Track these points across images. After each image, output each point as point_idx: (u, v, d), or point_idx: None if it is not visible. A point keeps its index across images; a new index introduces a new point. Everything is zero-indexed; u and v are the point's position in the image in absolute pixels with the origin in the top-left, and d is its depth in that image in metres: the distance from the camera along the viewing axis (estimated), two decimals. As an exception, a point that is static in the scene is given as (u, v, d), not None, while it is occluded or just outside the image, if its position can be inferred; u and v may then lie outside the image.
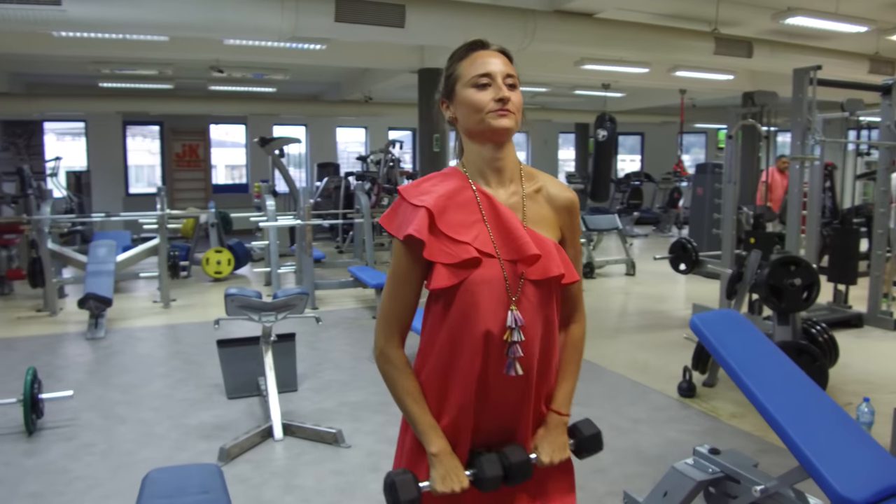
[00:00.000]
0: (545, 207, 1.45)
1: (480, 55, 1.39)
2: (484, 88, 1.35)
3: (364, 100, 13.33)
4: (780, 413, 2.41)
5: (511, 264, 1.36)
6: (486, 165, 1.41)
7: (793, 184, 5.75)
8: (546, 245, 1.39)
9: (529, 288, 1.37)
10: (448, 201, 1.37)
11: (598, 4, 6.22)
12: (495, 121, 1.35)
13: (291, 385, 4.47)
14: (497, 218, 1.38)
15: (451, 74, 1.42)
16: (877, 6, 7.12)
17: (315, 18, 5.32)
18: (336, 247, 12.09)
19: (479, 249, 1.35)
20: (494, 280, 1.35)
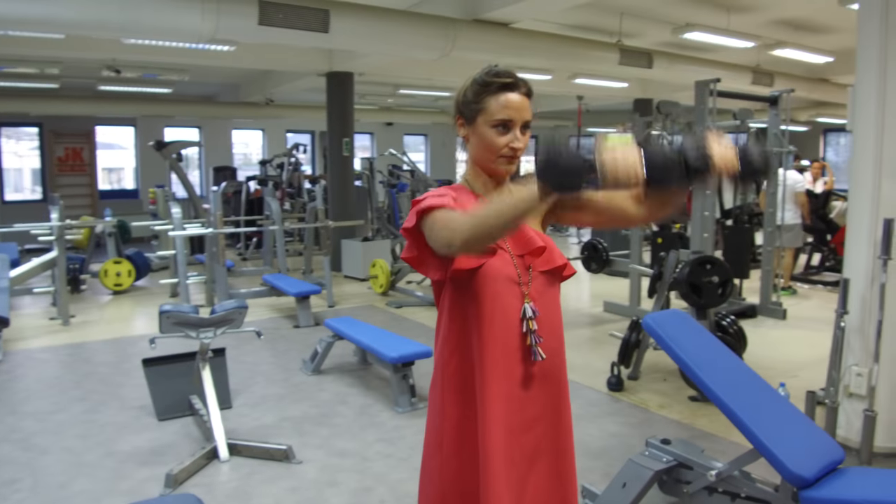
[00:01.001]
0: None
1: (508, 97, 1.50)
2: (503, 133, 1.49)
3: (265, 102, 12.97)
4: (733, 403, 2.60)
5: (520, 258, 1.54)
6: (489, 185, 1.60)
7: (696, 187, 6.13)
8: (547, 239, 1.59)
9: (538, 279, 1.56)
10: (461, 205, 1.52)
11: (514, 15, 6.40)
12: (504, 166, 1.53)
13: (226, 402, 4.31)
14: None
15: (478, 103, 1.52)
16: (761, 24, 7.75)
17: (237, 21, 5.15)
18: (239, 254, 11.71)
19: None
20: (508, 272, 1.52)
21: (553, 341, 1.59)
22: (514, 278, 1.52)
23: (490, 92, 1.50)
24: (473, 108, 1.52)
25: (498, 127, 1.49)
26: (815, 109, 13.47)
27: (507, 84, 1.50)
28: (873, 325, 3.47)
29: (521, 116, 1.49)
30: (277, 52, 8.31)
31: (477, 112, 1.51)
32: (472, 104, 1.53)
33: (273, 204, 8.03)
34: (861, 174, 3.54)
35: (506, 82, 1.50)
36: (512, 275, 1.52)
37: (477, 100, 1.52)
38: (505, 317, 1.50)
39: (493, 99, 1.49)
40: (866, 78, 3.48)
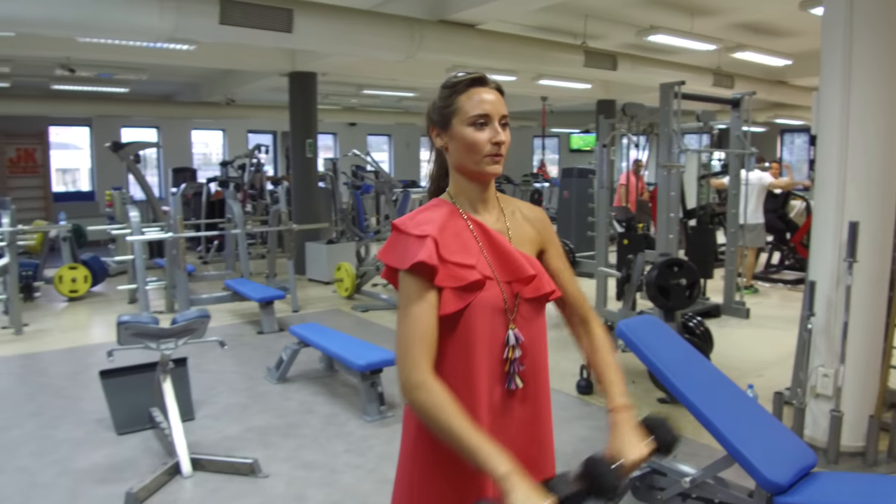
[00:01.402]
0: (525, 226, 1.55)
1: (479, 92, 1.42)
2: (481, 128, 1.41)
3: (226, 102, 12.72)
4: (708, 411, 2.59)
5: (507, 285, 1.45)
6: (474, 197, 1.49)
7: (662, 189, 6.17)
8: (536, 265, 1.50)
9: (524, 306, 1.47)
10: (445, 230, 1.42)
11: (480, 16, 6.36)
12: (490, 167, 1.43)
13: (188, 413, 4.18)
14: (491, 243, 1.46)
15: (450, 106, 1.43)
16: (723, 27, 7.86)
17: (197, 20, 4.99)
18: (200, 257, 11.45)
19: (481, 272, 1.42)
20: (495, 301, 1.42)
21: (537, 366, 1.50)
22: (501, 306, 1.43)
23: (459, 91, 1.43)
24: (446, 113, 1.43)
25: (475, 124, 1.40)
26: (773, 111, 13.74)
27: (476, 79, 1.43)
28: (839, 326, 3.51)
29: (497, 110, 1.42)
30: (239, 52, 8.14)
31: (451, 115, 1.43)
32: (444, 109, 1.44)
33: (234, 207, 7.85)
34: (826, 177, 3.57)
35: (474, 77, 1.43)
36: (499, 303, 1.43)
37: (448, 103, 1.43)
38: (489, 344, 1.42)
39: (465, 97, 1.42)
40: (830, 83, 3.51)
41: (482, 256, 1.44)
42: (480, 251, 1.44)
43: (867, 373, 3.57)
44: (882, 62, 3.39)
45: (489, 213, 1.50)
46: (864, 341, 3.53)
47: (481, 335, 1.41)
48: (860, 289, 3.45)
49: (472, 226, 1.46)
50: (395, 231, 1.43)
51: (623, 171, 9.90)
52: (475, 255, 1.43)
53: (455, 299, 1.39)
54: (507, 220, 1.52)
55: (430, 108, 1.50)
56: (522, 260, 1.46)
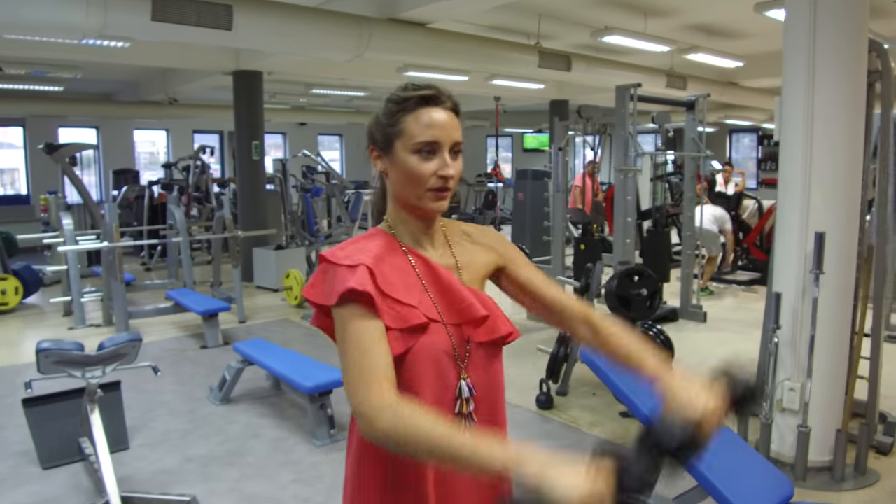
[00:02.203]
0: (476, 254, 1.36)
1: (430, 113, 1.21)
2: (428, 158, 1.20)
3: (168, 101, 12.21)
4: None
5: (457, 328, 1.26)
6: (416, 229, 1.30)
7: (619, 193, 6.07)
8: (489, 303, 1.30)
9: (477, 351, 1.28)
10: (383, 263, 1.22)
11: (431, 15, 6.14)
12: (432, 203, 1.23)
13: (122, 442, 3.86)
14: (437, 281, 1.27)
15: (394, 125, 1.22)
16: (676, 28, 7.81)
17: (127, 16, 4.64)
18: (142, 264, 10.94)
19: (425, 314, 1.22)
20: (442, 347, 1.23)
21: (493, 416, 1.32)
22: (450, 353, 1.24)
23: (407, 110, 1.21)
24: (389, 133, 1.22)
25: (421, 152, 1.19)
26: (724, 111, 13.90)
27: (428, 97, 1.21)
28: (805, 339, 3.41)
29: (449, 137, 1.20)
30: (179, 50, 7.75)
31: (393, 137, 1.21)
32: (387, 128, 1.22)
33: (177, 213, 7.47)
34: (790, 186, 3.47)
35: (426, 95, 1.21)
36: (446, 349, 1.23)
37: (392, 121, 1.22)
38: (436, 396, 1.22)
39: (413, 118, 1.20)
40: (794, 87, 3.41)
41: (426, 296, 1.24)
42: (424, 290, 1.24)
43: (833, 386, 3.49)
44: (846, 65, 3.29)
45: (434, 247, 1.31)
46: (831, 354, 3.44)
47: (426, 386, 1.21)
48: (826, 300, 3.35)
49: (414, 261, 1.27)
50: (323, 263, 1.22)
51: (577, 173, 9.86)
52: (417, 293, 1.23)
53: (394, 342, 1.18)
54: (455, 253, 1.33)
55: (371, 124, 1.28)
56: (472, 299, 1.27)
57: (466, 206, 16.40)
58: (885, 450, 3.79)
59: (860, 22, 3.31)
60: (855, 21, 3.30)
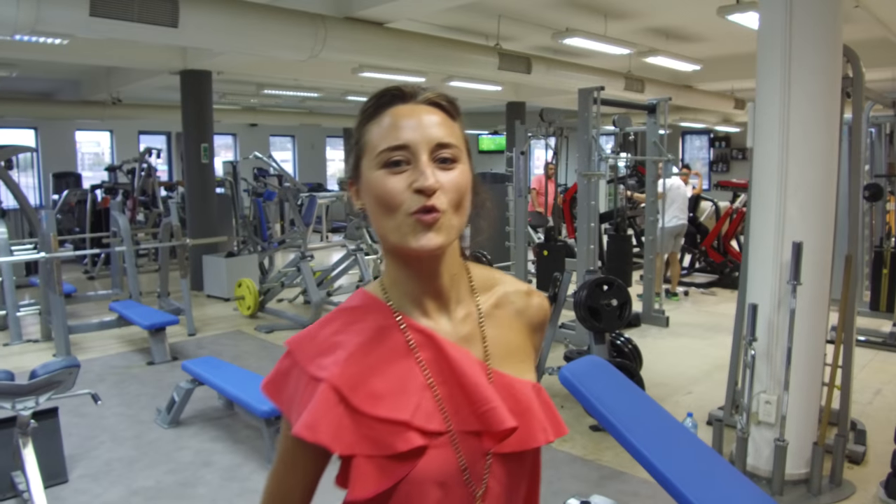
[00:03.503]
0: (514, 328, 0.98)
1: (399, 113, 0.87)
2: (398, 170, 0.84)
3: (112, 101, 11.68)
4: (666, 469, 2.29)
5: (471, 438, 0.88)
6: (416, 289, 0.92)
7: (582, 198, 5.95)
8: (523, 397, 0.92)
9: (500, 466, 0.91)
10: (365, 359, 0.88)
11: (388, 14, 5.93)
12: (413, 238, 0.84)
13: (60, 475, 3.55)
14: (446, 368, 0.90)
15: (357, 142, 0.91)
16: (636, 31, 7.77)
17: (63, 11, 4.30)
18: (85, 272, 10.42)
19: (422, 428, 0.86)
20: (447, 471, 0.87)
21: None
22: (457, 476, 0.88)
23: (367, 115, 0.90)
24: (356, 153, 0.91)
25: (388, 164, 0.85)
26: (678, 114, 14.02)
27: (392, 94, 0.90)
28: (781, 351, 3.32)
29: (424, 136, 0.85)
30: (122, 47, 7.35)
31: (360, 155, 0.90)
32: (354, 146, 0.91)
33: (120, 219, 7.07)
34: (765, 195, 3.38)
35: (388, 90, 0.91)
36: (452, 472, 0.87)
37: (356, 138, 0.91)
38: None
39: (375, 125, 0.88)
40: (768, 94, 3.31)
41: (427, 394, 0.88)
42: (426, 386, 0.89)
43: (809, 398, 3.41)
44: (822, 71, 3.22)
45: (448, 312, 0.94)
46: (806, 365, 3.36)
47: None
48: (802, 311, 3.27)
49: (415, 340, 0.90)
50: (288, 358, 0.92)
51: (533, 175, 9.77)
52: (414, 396, 0.88)
53: (376, 474, 0.85)
54: (484, 321, 0.96)
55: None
56: (497, 401, 0.89)
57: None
58: (858, 459, 3.76)
59: (835, 28, 3.24)
60: (830, 27, 3.22)
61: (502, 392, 0.91)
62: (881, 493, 3.33)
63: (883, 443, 3.76)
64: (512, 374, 0.94)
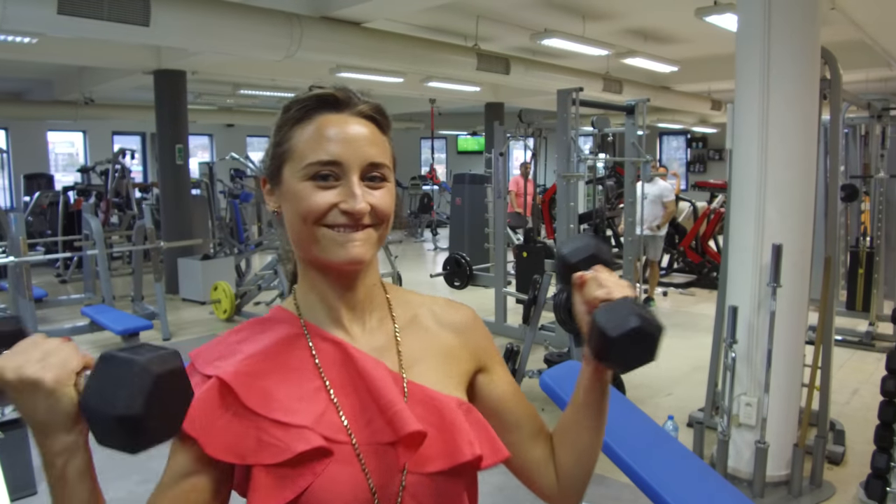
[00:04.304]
0: (437, 341, 0.93)
1: (330, 123, 0.83)
2: (326, 186, 0.81)
3: (85, 101, 11.47)
4: (646, 473, 2.27)
5: (381, 453, 0.81)
6: (330, 298, 0.88)
7: (562, 199, 5.94)
8: (447, 411, 0.85)
9: (421, 487, 0.82)
10: (268, 362, 0.83)
11: (365, 14, 5.87)
12: (338, 250, 0.81)
13: (28, 487, 3.44)
14: (356, 378, 0.84)
15: (280, 144, 0.85)
16: (613, 32, 7.79)
17: (29, 9, 4.19)
18: (57, 275, 10.22)
19: (324, 435, 0.80)
20: (352, 488, 0.79)
21: None
22: (364, 497, 0.80)
23: (297, 119, 0.84)
24: (276, 156, 0.85)
25: (316, 177, 0.81)
26: (655, 115, 14.11)
27: (323, 99, 0.84)
28: (761, 353, 3.32)
29: (356, 155, 0.81)
30: (93, 46, 7.21)
31: (282, 159, 0.85)
32: (275, 148, 0.86)
33: (93, 222, 6.92)
34: (744, 197, 3.37)
35: (319, 95, 0.84)
36: (359, 489, 0.80)
37: (280, 139, 0.85)
38: None
39: (302, 130, 0.83)
40: (747, 96, 3.31)
41: (330, 406, 0.82)
42: (328, 395, 0.83)
43: (789, 400, 3.42)
44: (801, 74, 3.22)
45: (360, 322, 0.89)
46: (786, 367, 3.36)
47: None
48: (781, 313, 3.27)
49: (318, 350, 0.86)
50: (190, 366, 0.83)
51: (511, 175, 9.76)
52: (316, 404, 0.82)
53: (272, 489, 0.78)
54: (402, 333, 0.91)
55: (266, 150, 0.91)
56: (401, 404, 0.82)
57: (401, 210, 16.16)
58: (837, 460, 3.77)
59: (813, 30, 3.25)
60: (808, 29, 3.23)
61: (420, 404, 0.85)
62: (861, 493, 3.34)
63: (861, 443, 3.78)
64: (433, 387, 0.88)
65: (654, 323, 0.84)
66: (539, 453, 0.98)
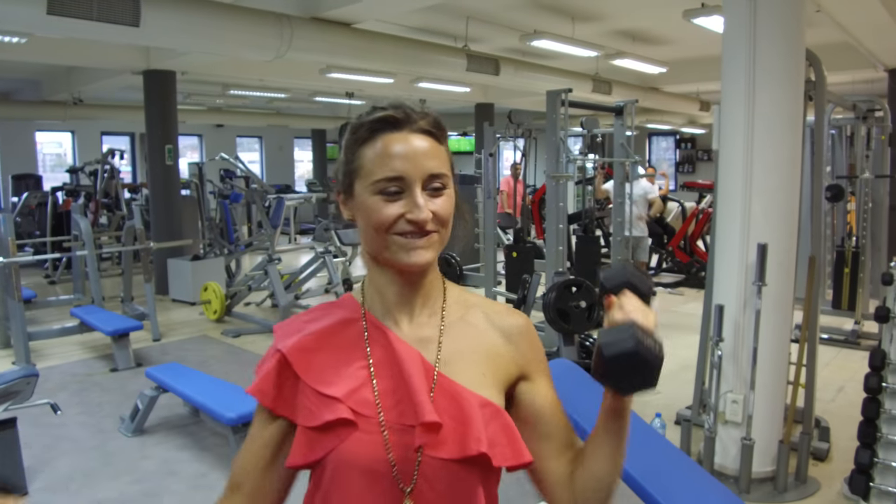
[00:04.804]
0: (478, 336, 1.00)
1: (393, 142, 0.93)
2: (393, 199, 0.92)
3: (73, 101, 11.42)
4: (634, 469, 2.31)
5: (404, 432, 0.92)
6: (389, 293, 0.99)
7: (551, 200, 5.97)
8: (466, 406, 0.93)
9: (435, 470, 0.91)
10: (321, 341, 0.98)
11: (355, 15, 5.89)
12: (405, 254, 0.93)
13: (18, 487, 3.44)
14: (390, 362, 0.95)
15: (350, 162, 0.96)
16: (602, 34, 7.85)
17: (18, 9, 4.18)
18: (46, 276, 10.17)
19: (353, 409, 0.92)
20: (374, 458, 0.91)
21: None
22: (385, 467, 0.91)
23: (364, 140, 0.95)
24: (348, 171, 0.97)
25: (384, 193, 0.92)
26: (644, 116, 14.20)
27: (385, 120, 0.94)
28: (747, 351, 3.37)
29: (418, 169, 0.92)
30: (83, 47, 7.18)
31: (353, 176, 0.96)
32: (346, 165, 0.98)
33: (82, 223, 6.90)
34: (730, 197, 3.42)
35: (382, 118, 0.94)
36: (380, 461, 0.91)
37: (350, 157, 0.97)
38: None
39: (369, 149, 0.94)
40: (733, 98, 3.36)
41: (367, 384, 0.94)
42: (367, 376, 0.95)
43: (775, 397, 3.47)
44: (786, 75, 3.27)
45: (411, 316, 1.00)
46: (772, 365, 3.42)
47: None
48: (767, 312, 3.32)
49: (370, 336, 0.98)
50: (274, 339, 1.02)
51: (502, 176, 9.80)
52: (355, 382, 0.94)
53: (303, 447, 0.93)
54: (447, 327, 1.00)
55: (337, 161, 1.03)
56: (423, 392, 0.92)
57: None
58: (822, 456, 3.82)
59: (798, 32, 3.30)
60: (793, 31, 3.28)
61: (445, 396, 0.93)
62: (845, 489, 3.39)
63: (846, 439, 3.83)
64: (463, 383, 0.95)
65: (652, 350, 0.86)
66: (563, 469, 1.01)
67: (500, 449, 0.92)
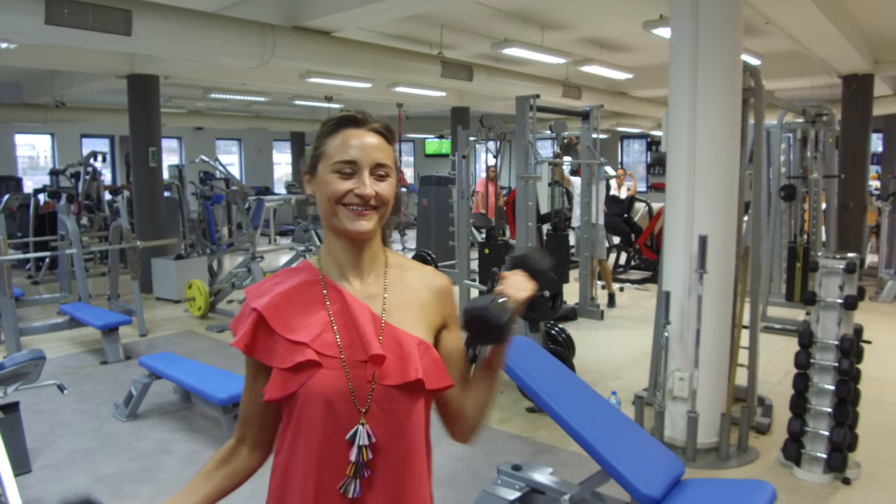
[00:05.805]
0: (415, 296, 1.29)
1: (351, 136, 1.21)
2: (347, 178, 1.19)
3: (55, 104, 11.56)
4: (585, 431, 2.64)
5: (359, 367, 1.18)
6: (342, 259, 1.26)
7: (520, 199, 6.32)
8: (406, 345, 1.21)
9: (384, 394, 1.18)
10: (288, 299, 1.23)
11: (336, 24, 6.19)
12: (351, 222, 1.20)
13: (23, 466, 3.70)
14: (345, 313, 1.22)
15: (318, 149, 1.25)
16: (571, 41, 8.22)
17: (17, 18, 4.40)
18: (28, 277, 10.31)
19: (319, 351, 1.18)
20: (336, 389, 1.17)
21: (403, 472, 1.22)
22: (345, 394, 1.17)
23: (328, 132, 1.23)
24: (314, 156, 1.25)
25: (341, 172, 1.19)
26: (615, 119, 14.63)
27: (348, 119, 1.23)
28: (692, 333, 3.73)
29: (368, 157, 1.19)
30: (69, 52, 7.40)
31: (318, 159, 1.23)
32: (314, 151, 1.25)
33: (68, 223, 7.12)
34: (676, 193, 3.79)
35: (346, 117, 1.23)
36: (341, 389, 1.17)
37: (318, 144, 1.25)
38: (328, 441, 1.17)
39: (332, 139, 1.22)
40: (679, 104, 3.73)
41: (330, 332, 1.20)
42: (330, 326, 1.20)
43: (718, 374, 3.83)
44: (724, 82, 3.65)
45: (360, 277, 1.27)
46: (714, 345, 3.78)
47: (315, 430, 1.17)
48: (709, 297, 3.69)
49: (328, 294, 1.24)
50: (245, 300, 1.27)
51: (478, 178, 10.12)
52: (318, 329, 1.20)
53: (279, 384, 1.18)
54: (388, 285, 1.27)
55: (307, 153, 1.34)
56: (372, 335, 1.19)
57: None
58: (764, 429, 4.20)
59: (736, 45, 3.67)
60: (731, 45, 3.66)
61: (390, 339, 1.22)
62: (780, 456, 3.76)
63: (788, 416, 4.21)
64: (403, 328, 1.24)
65: (496, 312, 1.20)
66: (459, 397, 1.34)
67: (432, 375, 1.21)
